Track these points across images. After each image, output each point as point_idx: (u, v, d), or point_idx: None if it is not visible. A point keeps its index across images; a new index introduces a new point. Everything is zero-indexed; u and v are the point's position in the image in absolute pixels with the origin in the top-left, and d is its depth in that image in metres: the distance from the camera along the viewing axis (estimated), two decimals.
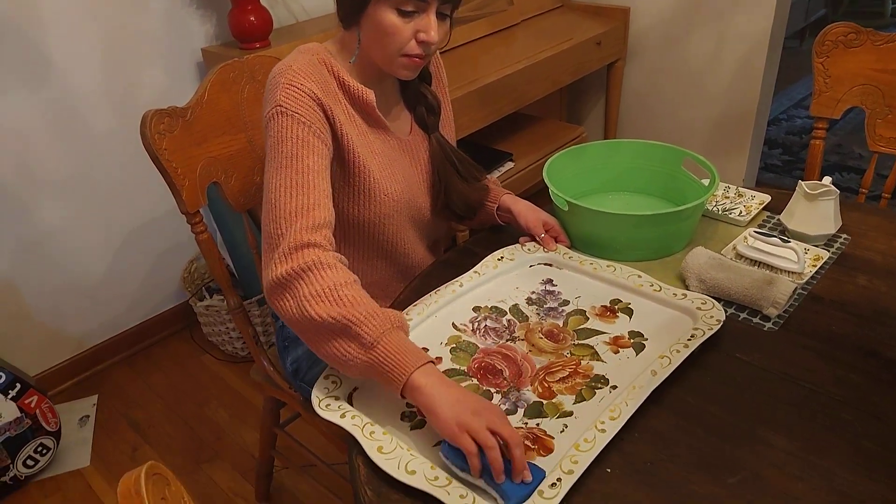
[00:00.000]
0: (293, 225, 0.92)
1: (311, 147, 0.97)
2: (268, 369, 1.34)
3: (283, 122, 0.97)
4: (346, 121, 1.05)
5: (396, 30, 0.98)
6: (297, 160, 0.95)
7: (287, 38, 1.99)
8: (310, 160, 0.96)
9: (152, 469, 0.57)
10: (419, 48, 1.00)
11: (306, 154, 0.96)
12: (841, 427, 0.81)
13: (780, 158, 3.18)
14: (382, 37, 0.99)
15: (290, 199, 0.93)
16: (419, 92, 1.16)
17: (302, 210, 0.93)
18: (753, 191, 1.31)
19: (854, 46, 1.41)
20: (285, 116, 0.97)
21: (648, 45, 2.55)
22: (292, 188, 0.94)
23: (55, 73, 1.80)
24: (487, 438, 0.75)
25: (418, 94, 1.16)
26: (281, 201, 0.93)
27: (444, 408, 0.78)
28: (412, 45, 1.00)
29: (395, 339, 0.84)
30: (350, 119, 1.06)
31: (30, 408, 1.68)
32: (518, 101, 2.09)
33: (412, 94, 1.17)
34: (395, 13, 0.97)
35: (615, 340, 0.98)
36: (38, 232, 1.90)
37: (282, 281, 0.88)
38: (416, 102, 1.17)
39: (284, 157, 0.96)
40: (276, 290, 0.89)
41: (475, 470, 0.75)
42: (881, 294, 1.03)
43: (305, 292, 0.87)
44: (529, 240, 1.20)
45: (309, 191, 0.94)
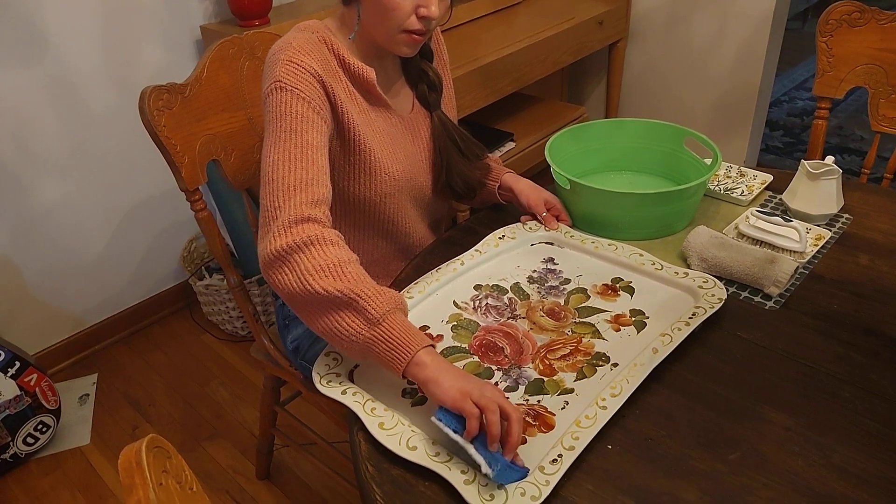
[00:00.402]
0: (292, 198, 0.90)
1: (311, 123, 0.96)
2: (268, 347, 1.34)
3: (283, 97, 0.96)
4: (346, 98, 1.04)
5: (397, 5, 0.97)
6: (297, 135, 0.94)
7: (287, 15, 1.97)
8: (309, 135, 0.95)
9: (153, 442, 0.57)
10: (420, 24, 0.99)
11: (306, 129, 0.95)
12: (840, 404, 0.82)
13: (782, 140, 3.17)
14: (383, 12, 0.98)
15: (288, 173, 0.92)
16: (420, 69, 1.15)
17: (301, 184, 0.91)
18: (755, 170, 1.30)
19: (858, 25, 1.39)
20: (284, 92, 0.96)
21: (650, 26, 2.53)
22: (291, 162, 0.93)
23: (53, 49, 1.79)
24: (490, 402, 0.75)
25: (420, 71, 1.15)
26: (280, 174, 0.92)
27: (448, 378, 0.79)
28: (412, 20, 0.98)
29: (398, 318, 0.84)
30: (351, 97, 1.05)
31: (29, 386, 1.68)
32: (519, 80, 2.07)
33: (413, 71, 1.16)
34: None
35: (616, 318, 0.98)
36: (36, 210, 1.89)
37: (281, 253, 0.86)
38: (417, 80, 1.16)
39: (283, 132, 0.95)
40: (275, 262, 0.87)
41: (472, 432, 0.74)
42: (882, 273, 1.03)
43: (307, 266, 0.85)
44: (531, 218, 1.20)
45: (308, 166, 0.93)
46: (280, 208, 0.90)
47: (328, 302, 0.84)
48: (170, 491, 0.55)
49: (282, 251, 0.86)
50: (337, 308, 0.84)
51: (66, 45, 1.80)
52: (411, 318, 0.99)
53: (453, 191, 1.22)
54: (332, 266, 0.85)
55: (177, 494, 0.56)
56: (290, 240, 0.87)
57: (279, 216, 0.89)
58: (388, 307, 0.84)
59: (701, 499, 0.72)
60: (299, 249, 0.86)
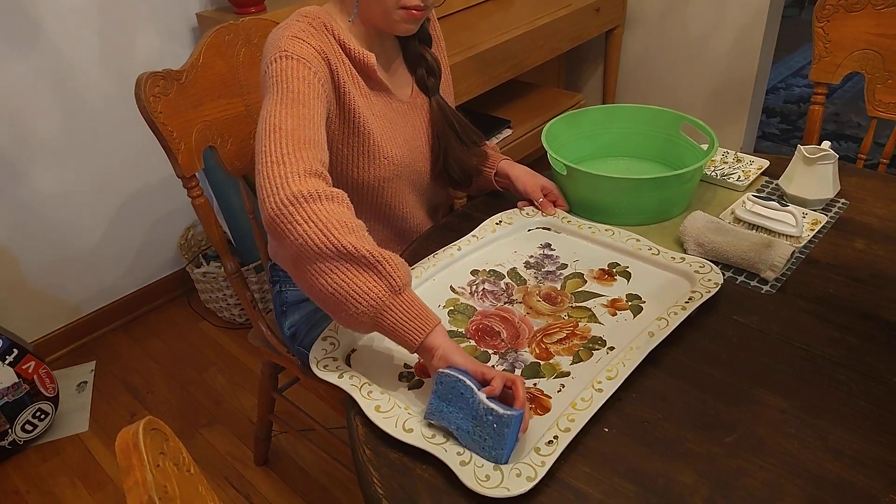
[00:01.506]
0: (303, 151, 0.85)
1: (316, 92, 0.94)
2: (266, 334, 1.34)
3: (288, 63, 0.93)
4: (349, 79, 1.04)
5: None
6: (304, 98, 0.92)
7: (283, 2, 1.95)
8: (315, 104, 0.93)
9: (150, 424, 0.57)
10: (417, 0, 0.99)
11: (312, 97, 0.93)
12: (836, 387, 0.82)
13: (778, 127, 3.17)
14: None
15: (297, 128, 0.87)
16: (419, 54, 1.15)
17: (311, 142, 0.87)
18: (752, 156, 1.30)
19: (855, 11, 1.39)
20: (290, 60, 0.94)
21: (647, 13, 2.52)
22: (299, 119, 0.89)
23: (48, 37, 1.77)
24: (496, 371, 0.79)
25: (419, 56, 1.15)
26: (287, 127, 0.87)
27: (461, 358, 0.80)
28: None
29: (413, 292, 0.83)
30: (353, 80, 1.05)
31: (27, 373, 1.69)
32: (516, 67, 2.07)
33: (412, 56, 1.15)
34: None
35: (613, 303, 0.98)
36: (33, 198, 1.88)
37: (299, 199, 0.79)
38: (416, 64, 1.16)
39: (290, 93, 0.91)
40: (290, 208, 0.79)
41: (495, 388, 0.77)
42: (878, 258, 1.03)
43: (329, 218, 0.79)
44: (528, 204, 1.20)
45: (315, 129, 0.90)
46: (291, 155, 0.84)
47: (350, 259, 0.78)
48: (167, 472, 0.55)
49: (300, 197, 0.80)
50: (358, 268, 0.78)
51: (61, 32, 1.79)
52: None
53: (450, 177, 1.22)
54: (354, 225, 0.81)
55: (174, 476, 0.57)
56: (309, 188, 0.81)
57: (292, 163, 0.83)
58: (407, 279, 0.81)
59: (697, 481, 0.72)
60: (319, 199, 0.80)
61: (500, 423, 0.73)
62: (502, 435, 0.73)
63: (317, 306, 1.21)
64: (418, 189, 1.20)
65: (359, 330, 0.83)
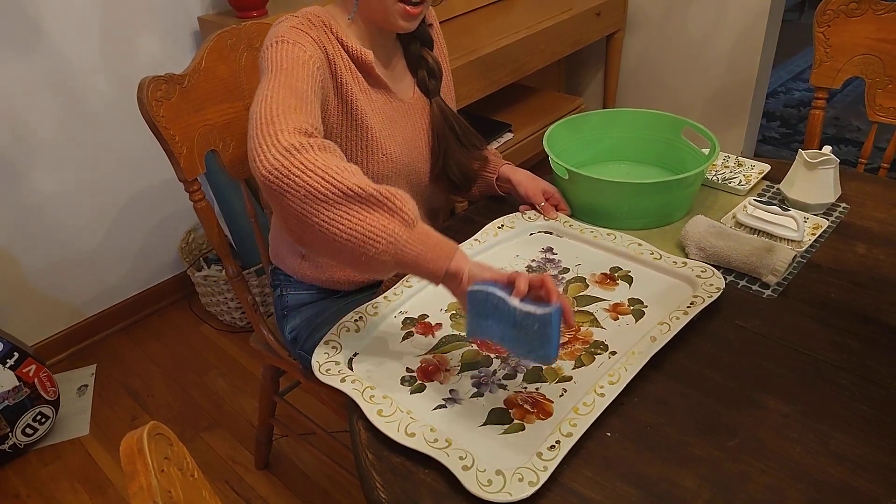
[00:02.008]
0: (295, 114, 0.82)
1: (310, 72, 0.93)
2: (267, 337, 1.35)
3: (283, 47, 0.94)
4: (347, 73, 1.04)
5: None
6: (296, 74, 0.90)
7: (284, 7, 1.96)
8: (307, 81, 0.91)
9: (155, 429, 0.57)
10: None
11: (305, 75, 0.91)
12: (838, 391, 0.82)
13: (778, 131, 3.17)
14: None
15: (288, 97, 0.85)
16: (420, 56, 1.15)
17: (302, 109, 0.84)
18: (753, 160, 1.30)
19: (855, 16, 1.39)
20: (286, 44, 0.94)
21: (648, 17, 2.52)
22: (291, 90, 0.86)
23: (50, 41, 1.78)
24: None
25: (419, 58, 1.15)
26: (279, 96, 0.84)
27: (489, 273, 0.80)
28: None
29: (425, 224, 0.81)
30: (352, 74, 1.06)
31: (28, 377, 1.69)
32: (517, 71, 2.07)
33: (413, 57, 1.16)
34: None
35: (615, 307, 0.98)
36: (34, 201, 1.89)
37: (293, 150, 0.76)
38: (417, 66, 1.16)
39: (282, 71, 0.90)
40: (287, 163, 0.76)
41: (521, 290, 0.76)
42: (879, 262, 1.03)
43: (329, 164, 0.76)
44: (529, 208, 1.20)
45: (307, 102, 0.87)
46: (281, 116, 0.81)
47: (359, 200, 0.76)
48: (171, 478, 0.56)
49: (293, 149, 0.76)
50: (369, 207, 0.76)
51: (62, 36, 1.79)
52: (411, 308, 1.00)
53: (450, 180, 1.22)
54: (353, 169, 0.78)
55: (178, 481, 0.57)
56: (300, 140, 0.78)
57: (282, 122, 0.80)
58: (417, 212, 0.79)
59: (699, 485, 0.72)
60: (312, 149, 0.77)
61: (542, 323, 0.73)
62: (545, 334, 0.73)
63: (317, 310, 1.22)
64: (417, 191, 1.21)
65: (381, 271, 0.80)
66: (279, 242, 1.26)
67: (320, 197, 0.75)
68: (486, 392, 0.85)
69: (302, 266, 1.23)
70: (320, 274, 1.22)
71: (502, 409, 0.82)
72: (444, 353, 0.92)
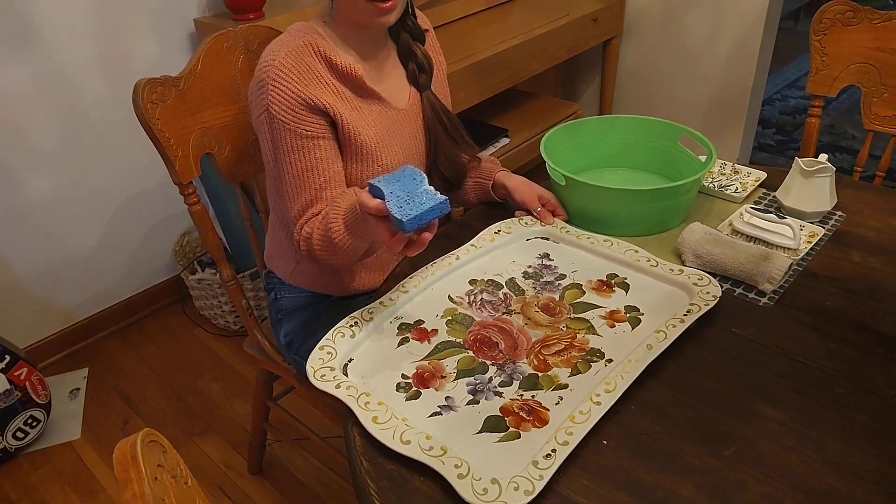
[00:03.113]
0: (302, 199, 1.06)
1: (307, 148, 1.05)
2: (261, 342, 1.34)
3: (275, 126, 1.04)
4: (335, 101, 1.05)
5: None
6: (303, 156, 1.04)
7: (281, 9, 1.95)
8: (312, 153, 1.05)
9: (148, 436, 0.57)
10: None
11: (310, 148, 1.04)
12: (834, 400, 0.82)
13: (774, 138, 3.19)
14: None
15: (298, 196, 1.07)
16: (410, 50, 1.15)
17: (307, 204, 1.06)
18: (749, 168, 1.31)
19: (851, 25, 1.40)
20: (275, 121, 1.03)
21: (645, 23, 2.53)
22: (304, 172, 1.05)
23: (46, 42, 1.77)
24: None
25: (409, 51, 1.16)
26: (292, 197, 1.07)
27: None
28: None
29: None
30: (340, 97, 1.06)
31: (19, 380, 1.67)
32: (514, 76, 2.07)
33: (404, 51, 1.16)
34: None
35: (611, 315, 0.98)
36: (28, 202, 1.87)
37: (305, 239, 1.06)
38: (407, 59, 1.17)
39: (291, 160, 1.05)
40: (305, 244, 1.06)
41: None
42: (875, 270, 1.03)
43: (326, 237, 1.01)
44: (526, 214, 1.20)
45: (319, 172, 1.05)
46: (296, 208, 1.07)
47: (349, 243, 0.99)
48: (165, 485, 0.55)
49: (304, 239, 1.06)
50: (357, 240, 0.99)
51: (58, 37, 1.79)
52: (408, 312, 1.00)
53: (442, 176, 1.22)
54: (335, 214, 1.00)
55: (172, 489, 0.56)
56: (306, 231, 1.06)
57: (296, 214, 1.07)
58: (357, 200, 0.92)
59: (696, 494, 0.72)
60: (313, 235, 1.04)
61: (427, 197, 0.83)
62: (420, 204, 0.82)
63: (312, 315, 1.22)
64: None
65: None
66: (273, 246, 1.26)
67: (336, 251, 1.02)
68: (482, 399, 0.85)
69: (295, 271, 1.22)
70: (313, 277, 1.22)
71: (498, 416, 0.82)
72: (439, 360, 0.91)
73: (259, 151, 1.27)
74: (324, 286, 1.23)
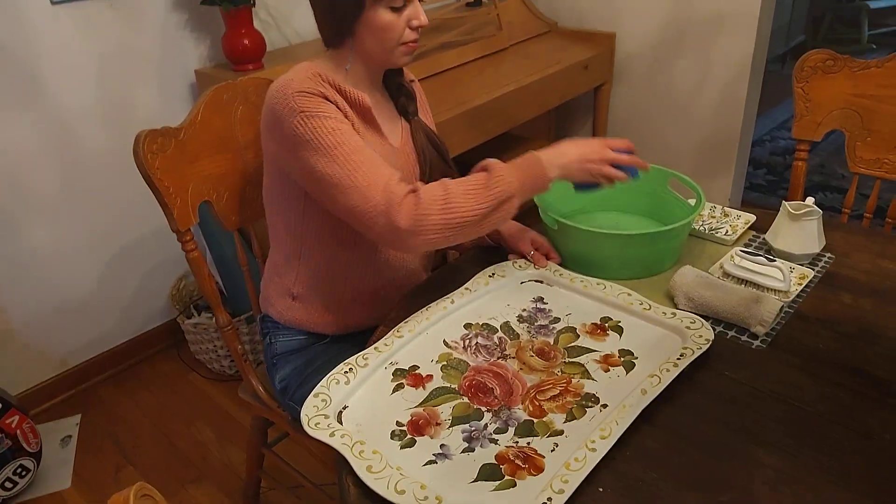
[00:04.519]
0: (384, 169, 1.02)
1: (349, 132, 1.04)
2: (256, 387, 1.33)
3: (313, 123, 1.02)
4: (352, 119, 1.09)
5: (393, 25, 1.07)
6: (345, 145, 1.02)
7: (280, 60, 2.00)
8: (352, 140, 1.03)
9: (141, 490, 0.56)
10: (414, 33, 1.10)
11: (348, 138, 1.03)
12: (829, 445, 0.82)
13: (765, 178, 3.23)
14: (382, 34, 1.07)
15: (367, 173, 1.01)
16: (398, 83, 1.22)
17: (381, 176, 1.01)
18: (739, 210, 1.33)
19: (832, 72, 1.44)
20: (311, 118, 1.02)
21: (634, 69, 2.59)
22: (360, 165, 1.01)
23: (49, 91, 1.80)
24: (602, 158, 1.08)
25: (398, 84, 1.22)
26: (358, 179, 1.01)
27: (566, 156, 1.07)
28: (408, 33, 1.09)
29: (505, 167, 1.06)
30: (352, 120, 1.10)
31: (10, 428, 1.65)
32: (507, 122, 2.11)
33: (392, 85, 1.22)
34: (389, 11, 1.06)
35: (605, 359, 0.98)
36: (26, 248, 1.88)
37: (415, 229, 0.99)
38: (397, 93, 1.22)
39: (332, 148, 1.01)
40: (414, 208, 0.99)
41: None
42: (866, 312, 1.04)
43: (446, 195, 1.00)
44: (519, 257, 1.21)
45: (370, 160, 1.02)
46: (383, 195, 1.00)
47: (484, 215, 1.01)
48: None
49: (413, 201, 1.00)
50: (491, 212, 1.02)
51: (61, 86, 1.82)
52: (401, 359, 1.00)
53: None
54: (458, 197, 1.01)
55: None
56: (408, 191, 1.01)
57: (385, 183, 1.00)
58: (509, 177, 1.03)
59: None
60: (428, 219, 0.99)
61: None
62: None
63: (307, 359, 1.22)
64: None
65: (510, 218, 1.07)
66: (269, 287, 1.27)
67: (459, 235, 1.02)
68: (477, 447, 0.84)
69: (291, 308, 1.23)
70: (308, 316, 1.23)
71: (493, 464, 0.82)
72: (434, 406, 0.91)
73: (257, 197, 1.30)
74: (319, 325, 1.24)
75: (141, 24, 1.91)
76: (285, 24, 2.21)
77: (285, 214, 1.17)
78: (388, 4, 1.05)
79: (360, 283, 1.21)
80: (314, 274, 1.20)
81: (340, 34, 1.09)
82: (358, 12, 1.05)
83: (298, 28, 2.25)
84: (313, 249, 1.18)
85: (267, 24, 2.14)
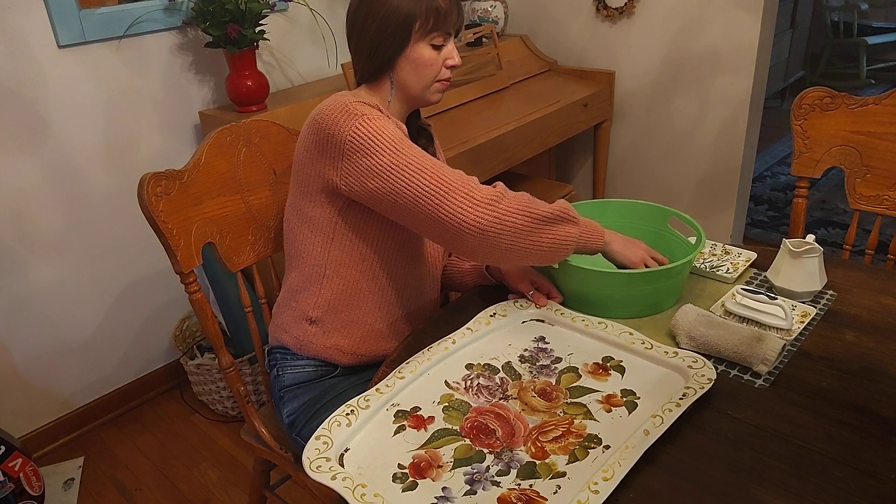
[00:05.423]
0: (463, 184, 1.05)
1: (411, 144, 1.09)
2: (259, 429, 1.33)
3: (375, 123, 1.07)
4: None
5: (433, 62, 1.15)
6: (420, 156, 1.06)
7: (284, 102, 2.04)
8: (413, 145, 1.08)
9: None
10: (448, 72, 1.19)
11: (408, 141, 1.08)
12: (834, 485, 0.81)
13: (766, 214, 3.24)
14: (422, 70, 1.15)
15: (442, 173, 1.05)
16: (419, 126, 1.28)
17: (456, 175, 1.06)
18: (740, 248, 1.33)
19: (830, 109, 1.46)
20: (372, 120, 1.07)
21: (634, 107, 2.62)
22: (433, 166, 1.05)
23: (54, 133, 1.84)
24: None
25: (419, 127, 1.28)
26: (430, 164, 1.05)
27: (623, 246, 1.17)
28: (443, 71, 1.18)
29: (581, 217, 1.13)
30: None
31: (13, 471, 1.65)
32: (508, 160, 2.14)
33: (414, 128, 1.27)
34: (430, 48, 1.14)
35: (608, 399, 0.98)
36: (30, 290, 1.90)
37: (494, 199, 1.04)
38: (419, 135, 1.27)
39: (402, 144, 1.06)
40: (492, 207, 1.03)
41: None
42: (868, 350, 1.04)
43: (520, 205, 1.05)
44: (519, 297, 1.21)
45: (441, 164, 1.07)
46: (456, 176, 1.05)
47: (549, 221, 1.07)
48: None
49: (493, 199, 1.04)
50: (555, 223, 1.07)
51: (66, 128, 1.86)
52: (403, 400, 1.00)
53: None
54: (528, 196, 1.08)
55: None
56: (491, 190, 1.05)
57: (463, 182, 1.05)
58: (574, 210, 1.11)
59: None
60: (503, 195, 1.05)
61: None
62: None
63: (316, 394, 1.22)
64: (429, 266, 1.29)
65: (562, 257, 1.12)
66: (284, 313, 1.26)
67: (525, 230, 1.05)
68: (479, 490, 0.84)
69: (306, 333, 1.23)
70: (323, 341, 1.23)
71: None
72: (436, 449, 0.91)
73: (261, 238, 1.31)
74: (332, 353, 1.23)
75: (146, 67, 1.96)
76: (288, 66, 2.26)
77: (310, 238, 1.19)
78: (430, 42, 1.13)
79: (377, 313, 1.23)
80: (334, 299, 1.21)
81: (382, 68, 1.15)
82: (404, 46, 1.13)
83: (301, 70, 2.30)
84: (335, 276, 1.20)
85: (270, 65, 2.20)
